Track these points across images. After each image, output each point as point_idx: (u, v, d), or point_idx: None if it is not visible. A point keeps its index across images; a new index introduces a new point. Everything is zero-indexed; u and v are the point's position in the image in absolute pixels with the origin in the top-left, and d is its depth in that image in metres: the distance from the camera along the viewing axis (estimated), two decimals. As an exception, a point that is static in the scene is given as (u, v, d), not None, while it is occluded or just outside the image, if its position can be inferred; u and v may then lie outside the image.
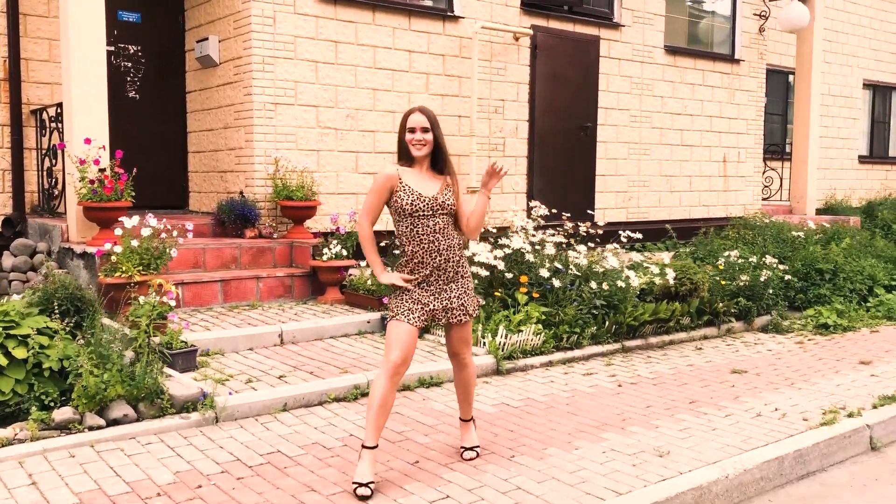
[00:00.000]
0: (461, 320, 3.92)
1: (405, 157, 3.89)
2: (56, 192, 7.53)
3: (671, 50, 10.98)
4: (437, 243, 3.80)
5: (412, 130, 3.82)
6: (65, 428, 4.19)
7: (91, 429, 4.23)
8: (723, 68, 11.73)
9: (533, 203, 8.12)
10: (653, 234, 10.43)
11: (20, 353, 4.27)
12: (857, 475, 4.42)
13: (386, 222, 5.71)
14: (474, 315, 4.01)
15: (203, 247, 6.93)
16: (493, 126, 9.25)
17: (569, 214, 7.91)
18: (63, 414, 4.20)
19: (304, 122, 7.83)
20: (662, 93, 10.94)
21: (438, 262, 3.81)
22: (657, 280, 6.95)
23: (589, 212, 9.78)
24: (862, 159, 16.59)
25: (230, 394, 4.71)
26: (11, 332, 4.37)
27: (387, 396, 3.70)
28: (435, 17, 8.69)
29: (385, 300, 6.60)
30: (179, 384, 4.63)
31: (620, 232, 7.88)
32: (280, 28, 7.64)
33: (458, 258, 3.87)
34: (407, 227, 3.82)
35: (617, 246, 7.43)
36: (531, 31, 9.34)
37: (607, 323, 6.47)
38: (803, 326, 7.68)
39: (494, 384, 5.52)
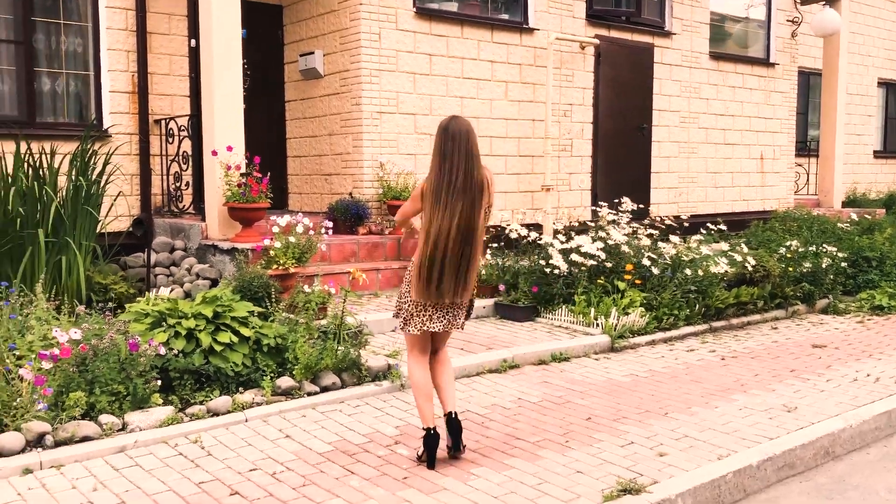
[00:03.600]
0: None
1: None
2: (182, 195, 8.27)
3: (715, 56, 11.81)
4: None
5: None
6: (288, 393, 4.96)
7: (309, 394, 5.00)
8: (760, 72, 12.56)
9: (602, 202, 8.93)
10: (698, 227, 11.25)
11: (246, 332, 5.04)
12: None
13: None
14: None
15: (328, 242, 7.69)
16: (563, 129, 10.05)
17: (633, 207, 8.69)
18: (286, 382, 4.97)
19: (403, 128, 8.60)
20: (708, 95, 11.76)
21: None
22: (739, 268, 7.75)
23: (645, 207, 10.58)
24: (877, 154, 17.51)
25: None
26: (231, 314, 5.14)
27: None
28: (513, 29, 9.47)
29: (501, 287, 7.40)
30: (370, 357, 5.41)
31: (709, 224, 8.72)
32: (384, 43, 8.41)
33: None
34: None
35: (699, 237, 8.26)
36: (597, 41, 10.14)
37: (697, 306, 7.28)
38: (859, 308, 8.51)
39: (614, 359, 6.32)
